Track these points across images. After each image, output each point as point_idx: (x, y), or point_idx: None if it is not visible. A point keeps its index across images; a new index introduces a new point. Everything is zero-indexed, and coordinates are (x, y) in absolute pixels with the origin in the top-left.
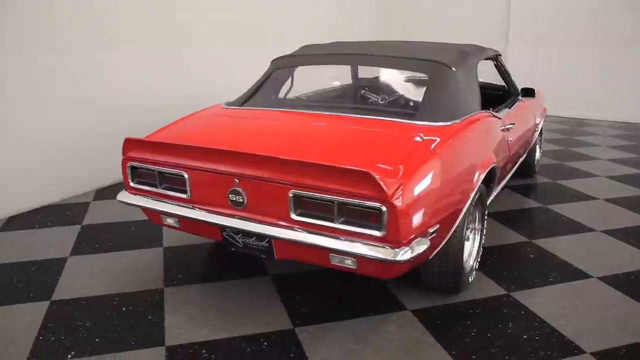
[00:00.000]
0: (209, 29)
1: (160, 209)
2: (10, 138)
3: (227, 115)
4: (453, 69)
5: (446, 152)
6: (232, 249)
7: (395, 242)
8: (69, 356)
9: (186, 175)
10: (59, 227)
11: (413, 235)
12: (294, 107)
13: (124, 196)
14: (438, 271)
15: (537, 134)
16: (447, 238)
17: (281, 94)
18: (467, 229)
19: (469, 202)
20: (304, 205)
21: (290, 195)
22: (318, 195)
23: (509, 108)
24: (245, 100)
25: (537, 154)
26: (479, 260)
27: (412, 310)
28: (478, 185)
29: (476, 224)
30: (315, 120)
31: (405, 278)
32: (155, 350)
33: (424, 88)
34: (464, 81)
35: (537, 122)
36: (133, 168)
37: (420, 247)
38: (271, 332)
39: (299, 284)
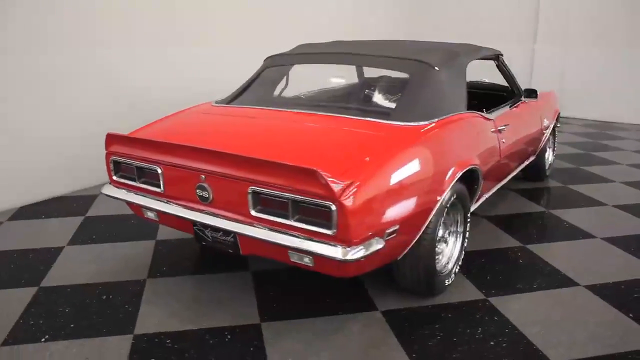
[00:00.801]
0: (227, 28)
1: (139, 202)
2: (27, 134)
3: (211, 113)
4: (436, 68)
5: (412, 152)
6: (203, 243)
7: (345, 241)
8: (43, 339)
9: (159, 170)
10: (63, 218)
11: (366, 235)
12: (277, 106)
13: (108, 189)
14: (409, 273)
15: (546, 136)
16: (415, 239)
17: (272, 92)
18: (447, 231)
19: (439, 203)
20: (262, 202)
21: (249, 192)
22: (273, 192)
23: (505, 109)
24: (234, 98)
25: (550, 157)
26: (459, 263)
27: (383, 311)
28: (451, 187)
29: (457, 227)
30: (293, 119)
31: (385, 279)
32: (123, 337)
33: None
34: (447, 81)
35: (546, 124)
36: (116, 162)
37: (374, 247)
38: (237, 325)
39: (277, 280)
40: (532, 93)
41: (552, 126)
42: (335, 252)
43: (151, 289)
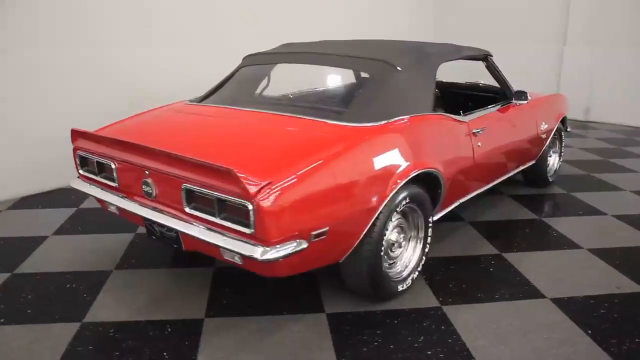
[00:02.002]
0: (247, 28)
1: (100, 197)
2: (29, 132)
3: (178, 111)
4: (398, 68)
5: (348, 154)
6: (153, 237)
7: (263, 240)
8: None
9: (113, 166)
10: (57, 209)
11: (285, 236)
12: (240, 105)
13: (75, 183)
14: (355, 276)
15: (546, 140)
16: (357, 242)
17: (242, 91)
18: (404, 236)
19: (382, 207)
20: (195, 200)
21: (183, 189)
22: (202, 190)
23: (486, 111)
24: (206, 97)
25: (555, 163)
26: (419, 269)
27: (329, 314)
28: (396, 191)
29: (418, 232)
30: (248, 118)
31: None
32: (71, 325)
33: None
34: (410, 81)
35: (545, 128)
36: (81, 157)
37: (295, 248)
38: (181, 320)
39: (236, 277)
40: (521, 95)
41: (553, 130)
42: (254, 251)
43: (114, 280)
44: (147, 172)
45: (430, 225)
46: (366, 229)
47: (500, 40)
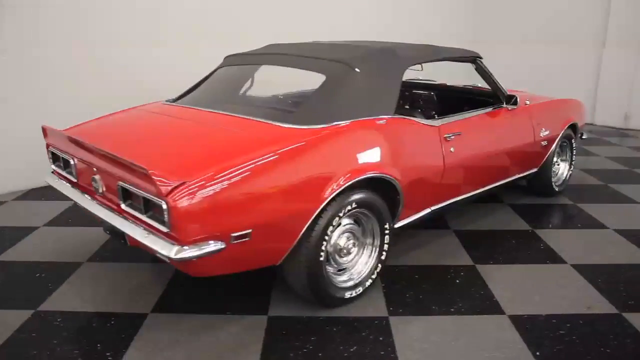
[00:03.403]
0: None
1: (63, 191)
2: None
3: (147, 111)
4: (356, 69)
5: (280, 156)
6: (108, 232)
7: (177, 239)
8: None
9: (72, 162)
10: (57, 201)
11: (200, 236)
12: (203, 106)
13: (48, 177)
14: (295, 281)
15: (548, 148)
16: (292, 246)
17: (213, 92)
18: (357, 242)
19: (318, 211)
20: (129, 197)
21: (119, 186)
22: (131, 188)
23: (466, 115)
24: (180, 97)
25: (564, 173)
26: (373, 277)
27: (271, 316)
28: (334, 196)
29: (374, 240)
30: (202, 119)
31: None
32: (24, 312)
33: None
34: (369, 83)
35: (546, 134)
36: (52, 153)
37: (209, 248)
38: (127, 313)
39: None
40: (510, 99)
41: (558, 137)
42: (169, 250)
43: (82, 271)
44: (95, 170)
45: (387, 232)
46: (301, 234)
47: (534, 44)
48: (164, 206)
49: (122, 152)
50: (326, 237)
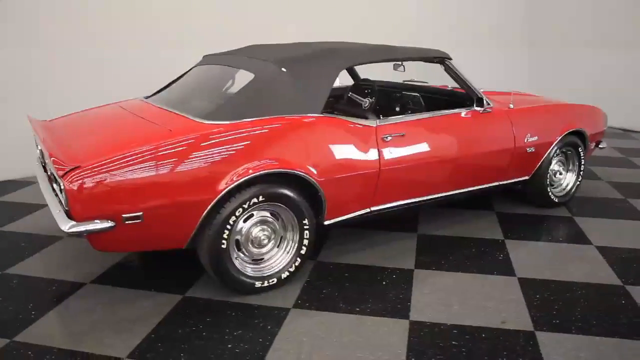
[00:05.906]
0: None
1: (38, 179)
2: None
3: (118, 106)
4: (282, 69)
5: (179, 147)
6: None
7: (70, 216)
8: None
9: (38, 150)
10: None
11: (90, 214)
12: (160, 103)
13: (35, 166)
14: (205, 265)
15: (539, 155)
16: (194, 232)
17: (177, 91)
18: (273, 235)
19: (213, 202)
20: (55, 181)
21: (49, 171)
22: (52, 173)
23: (418, 117)
24: (155, 93)
25: (569, 183)
26: (291, 270)
27: (185, 297)
28: (232, 188)
29: (293, 235)
30: (145, 113)
31: None
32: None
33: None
34: (296, 82)
35: (532, 140)
36: (35, 142)
37: (98, 226)
38: (68, 281)
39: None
40: (479, 102)
41: (552, 145)
42: (64, 224)
43: (51, 249)
44: (47, 158)
45: (307, 227)
46: (199, 222)
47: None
48: (62, 186)
49: (52, 141)
50: (228, 227)
